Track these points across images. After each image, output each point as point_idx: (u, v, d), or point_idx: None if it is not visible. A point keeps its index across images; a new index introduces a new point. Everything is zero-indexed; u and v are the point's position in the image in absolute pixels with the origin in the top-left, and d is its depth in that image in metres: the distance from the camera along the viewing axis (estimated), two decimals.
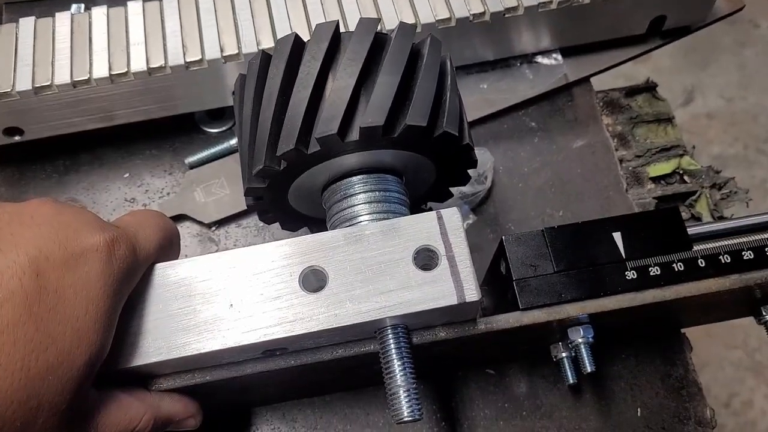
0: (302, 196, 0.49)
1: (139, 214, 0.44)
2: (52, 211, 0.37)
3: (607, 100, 0.71)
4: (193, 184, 0.65)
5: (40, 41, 0.58)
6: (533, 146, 0.68)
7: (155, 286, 0.41)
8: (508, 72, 0.70)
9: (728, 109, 2.01)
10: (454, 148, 0.45)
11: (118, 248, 0.37)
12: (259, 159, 0.43)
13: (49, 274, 0.34)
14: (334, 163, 0.45)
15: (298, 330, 0.39)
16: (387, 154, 0.45)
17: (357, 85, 0.42)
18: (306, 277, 0.41)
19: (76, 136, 0.63)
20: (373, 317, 0.40)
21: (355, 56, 0.43)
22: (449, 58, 0.47)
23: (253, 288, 0.41)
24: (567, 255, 0.45)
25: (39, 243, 0.34)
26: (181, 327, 0.40)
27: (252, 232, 0.64)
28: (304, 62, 0.43)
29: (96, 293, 0.35)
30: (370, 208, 0.45)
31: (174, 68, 0.58)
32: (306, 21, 0.60)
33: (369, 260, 0.41)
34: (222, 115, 0.68)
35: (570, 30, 0.67)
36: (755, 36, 2.15)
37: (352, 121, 0.42)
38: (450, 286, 0.40)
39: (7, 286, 0.32)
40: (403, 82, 0.42)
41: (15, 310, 0.32)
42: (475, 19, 0.61)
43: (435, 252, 0.41)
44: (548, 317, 0.44)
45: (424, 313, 0.40)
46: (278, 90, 0.43)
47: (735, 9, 0.71)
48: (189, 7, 0.60)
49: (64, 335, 0.34)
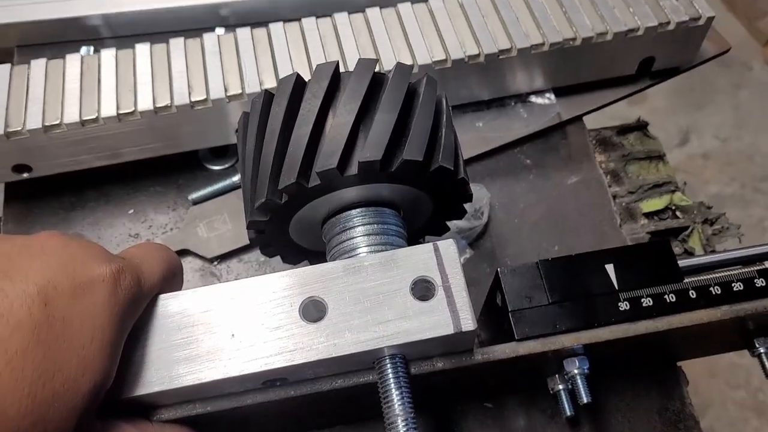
0: (303, 229, 0.50)
1: (144, 246, 0.45)
2: (61, 243, 0.38)
3: (599, 138, 0.73)
4: (196, 220, 0.66)
5: (51, 82, 0.60)
6: (528, 182, 0.69)
7: (158, 317, 0.42)
8: (503, 111, 0.72)
9: (724, 150, 2.04)
10: (449, 183, 0.47)
11: (124, 279, 0.38)
12: (262, 192, 0.44)
13: (57, 303, 0.35)
14: (333, 197, 0.46)
15: (298, 359, 0.40)
16: (385, 188, 0.46)
17: (356, 122, 0.44)
18: (306, 308, 0.42)
19: (83, 173, 0.65)
20: (371, 347, 0.41)
21: (354, 94, 0.44)
22: (445, 96, 0.49)
23: (254, 318, 0.42)
24: (561, 286, 0.46)
25: (48, 273, 0.35)
26: (184, 357, 0.41)
27: (253, 266, 0.65)
28: (305, 100, 0.45)
29: (102, 322, 0.36)
30: (368, 240, 0.46)
31: (179, 107, 0.60)
32: (307, 62, 0.62)
33: (367, 291, 0.42)
34: (225, 152, 0.70)
35: (562, 71, 0.69)
36: (749, 78, 2.19)
37: (351, 155, 0.43)
38: (446, 315, 0.41)
39: (17, 315, 0.33)
40: (400, 119, 0.44)
41: (24, 338, 0.33)
42: (470, 61, 0.64)
43: (432, 282, 0.42)
44: (543, 347, 0.45)
45: (421, 342, 0.41)
46: (280, 126, 0.45)
47: (721, 51, 0.74)
48: (195, 49, 0.63)
49: (71, 363, 0.34)
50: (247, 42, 0.63)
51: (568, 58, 0.67)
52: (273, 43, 0.63)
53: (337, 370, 0.43)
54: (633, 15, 0.65)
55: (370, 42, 0.64)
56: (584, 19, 0.65)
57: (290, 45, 0.63)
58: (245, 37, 0.63)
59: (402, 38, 0.64)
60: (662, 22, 0.65)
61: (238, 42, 0.63)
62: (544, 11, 0.65)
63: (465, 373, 0.46)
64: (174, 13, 0.74)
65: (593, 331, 0.45)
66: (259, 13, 0.75)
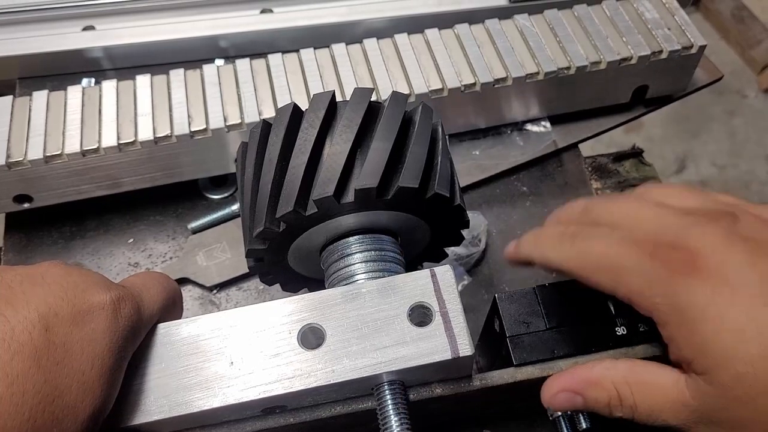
0: (301, 257, 0.50)
1: (143, 275, 0.45)
2: (62, 272, 0.38)
3: (595, 165, 0.74)
4: (195, 249, 0.67)
5: (52, 113, 0.61)
6: (525, 209, 0.70)
7: (158, 345, 0.42)
8: (499, 139, 0.73)
9: (721, 177, 2.05)
10: (446, 209, 0.47)
11: (124, 307, 0.39)
12: (260, 221, 0.45)
13: (57, 329, 0.35)
14: (331, 225, 0.46)
15: (297, 386, 0.40)
16: (382, 216, 0.47)
17: (352, 150, 0.44)
18: (304, 335, 0.42)
19: (83, 202, 0.65)
20: (369, 373, 0.41)
21: (350, 123, 0.45)
22: (441, 124, 0.49)
23: (253, 346, 0.42)
24: (559, 312, 0.46)
25: (49, 300, 0.36)
26: (183, 385, 0.41)
27: (252, 294, 0.66)
28: (302, 129, 0.46)
29: (102, 349, 0.36)
30: (366, 267, 0.47)
31: (179, 137, 0.61)
32: (306, 92, 0.63)
33: (365, 317, 0.42)
34: (224, 181, 0.71)
35: (557, 99, 0.70)
36: (744, 106, 2.21)
37: (347, 183, 0.44)
38: (444, 341, 0.41)
39: (18, 340, 0.33)
40: (395, 146, 0.44)
41: (24, 363, 0.33)
42: (466, 90, 0.65)
43: (429, 308, 0.42)
44: (542, 373, 0.45)
45: (419, 368, 0.41)
46: (278, 156, 0.45)
47: (714, 79, 0.75)
48: (194, 80, 0.64)
49: (71, 388, 0.34)
50: (246, 73, 0.64)
51: (563, 87, 0.68)
52: (272, 73, 0.64)
53: (336, 397, 0.43)
54: (626, 44, 0.67)
55: (368, 72, 0.65)
56: (578, 49, 0.66)
57: (289, 75, 0.64)
58: (244, 68, 0.65)
59: (399, 68, 0.65)
60: (655, 51, 0.67)
61: (237, 73, 0.64)
62: (539, 41, 0.67)
63: (463, 400, 0.46)
64: (174, 45, 0.75)
65: (591, 356, 0.45)
66: (258, 45, 0.76)
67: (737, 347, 0.36)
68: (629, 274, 0.40)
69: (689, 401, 0.39)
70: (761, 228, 0.40)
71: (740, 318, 0.36)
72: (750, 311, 0.36)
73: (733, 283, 0.37)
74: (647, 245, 0.40)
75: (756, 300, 0.36)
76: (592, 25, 0.68)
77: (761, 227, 0.40)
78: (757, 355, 0.35)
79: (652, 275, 0.39)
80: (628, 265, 0.40)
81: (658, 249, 0.39)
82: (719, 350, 0.36)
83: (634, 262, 0.40)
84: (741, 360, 0.36)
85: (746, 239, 0.38)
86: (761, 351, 0.35)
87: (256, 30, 0.75)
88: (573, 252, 0.43)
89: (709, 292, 0.37)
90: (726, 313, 0.36)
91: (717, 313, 0.37)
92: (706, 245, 0.38)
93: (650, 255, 0.39)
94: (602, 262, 0.41)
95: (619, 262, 0.40)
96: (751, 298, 0.36)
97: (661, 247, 0.39)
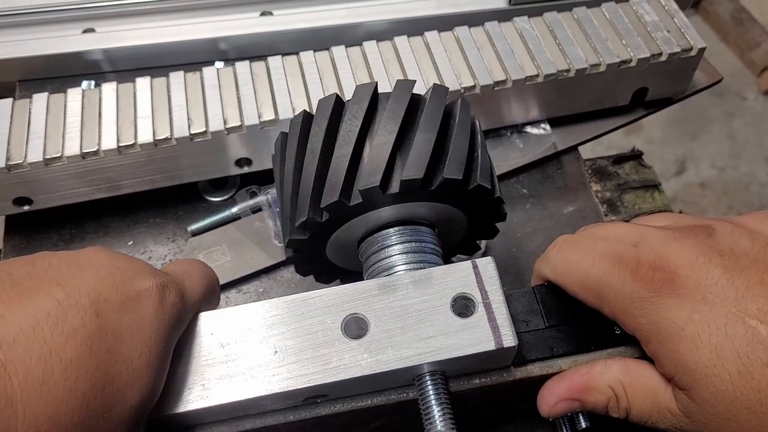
0: (339, 248, 0.51)
1: (183, 263, 0.46)
2: (108, 258, 0.39)
3: (595, 167, 0.74)
4: (195, 251, 0.67)
5: (52, 115, 0.61)
6: (525, 212, 0.70)
7: (200, 334, 0.43)
8: (499, 141, 0.73)
9: (720, 179, 2.05)
10: (486, 201, 0.48)
11: (169, 294, 0.39)
12: (303, 211, 0.45)
13: (107, 315, 0.35)
14: (371, 216, 0.47)
15: (342, 376, 0.41)
16: (422, 207, 0.47)
17: (396, 142, 0.45)
18: (348, 324, 0.42)
19: (82, 205, 0.65)
20: (414, 363, 0.41)
21: (394, 115, 0.45)
22: (477, 119, 0.50)
23: (297, 335, 0.42)
24: (557, 311, 0.47)
25: (98, 286, 0.36)
26: (226, 373, 0.41)
27: (252, 297, 0.66)
28: (345, 121, 0.46)
29: (149, 336, 0.37)
30: (406, 258, 0.47)
31: (179, 140, 0.61)
32: (305, 94, 0.63)
33: (408, 308, 0.43)
34: (224, 184, 0.71)
35: (557, 102, 0.70)
36: (743, 107, 2.21)
37: (392, 174, 0.44)
38: (488, 332, 0.42)
39: (71, 324, 0.33)
40: (438, 138, 0.45)
41: (78, 348, 0.33)
42: (466, 92, 0.65)
43: (472, 299, 0.43)
44: (541, 371, 0.45)
45: (462, 359, 0.41)
46: (320, 147, 0.45)
47: (714, 81, 0.75)
48: (194, 83, 0.64)
49: (120, 375, 0.34)
50: (246, 75, 0.64)
51: (562, 90, 0.68)
52: (271, 76, 0.64)
53: (377, 387, 0.44)
54: (625, 47, 0.67)
55: (368, 74, 0.65)
56: (578, 51, 0.66)
57: (288, 78, 0.64)
58: (244, 71, 0.65)
59: (399, 70, 0.65)
60: (654, 54, 0.67)
61: (237, 75, 0.64)
62: (539, 44, 0.67)
63: (461, 398, 0.46)
64: (174, 48, 0.75)
65: (590, 354, 0.46)
66: (258, 47, 0.76)
67: (715, 364, 0.36)
68: (613, 294, 0.41)
69: (675, 410, 0.40)
70: (738, 239, 0.40)
71: (717, 335, 0.37)
72: (727, 328, 0.37)
73: (711, 300, 0.37)
74: (630, 263, 0.41)
75: (732, 317, 0.37)
76: (591, 28, 0.68)
77: (739, 238, 0.40)
78: (736, 371, 0.36)
79: (635, 296, 0.40)
80: (611, 285, 0.41)
81: (640, 268, 0.40)
82: (699, 368, 0.37)
83: (617, 282, 0.41)
84: (719, 377, 0.36)
85: (723, 253, 0.39)
86: (739, 367, 0.36)
87: (256, 33, 0.75)
88: (557, 261, 0.46)
89: (687, 311, 0.38)
90: (703, 331, 0.37)
91: (695, 331, 0.37)
92: (684, 262, 0.39)
93: (632, 274, 0.40)
94: (587, 281, 0.43)
95: (603, 282, 0.42)
96: (727, 315, 0.37)
97: (643, 266, 0.40)
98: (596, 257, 0.42)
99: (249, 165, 0.66)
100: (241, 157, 0.65)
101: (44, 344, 0.32)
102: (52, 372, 0.31)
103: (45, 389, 0.31)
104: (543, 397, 0.45)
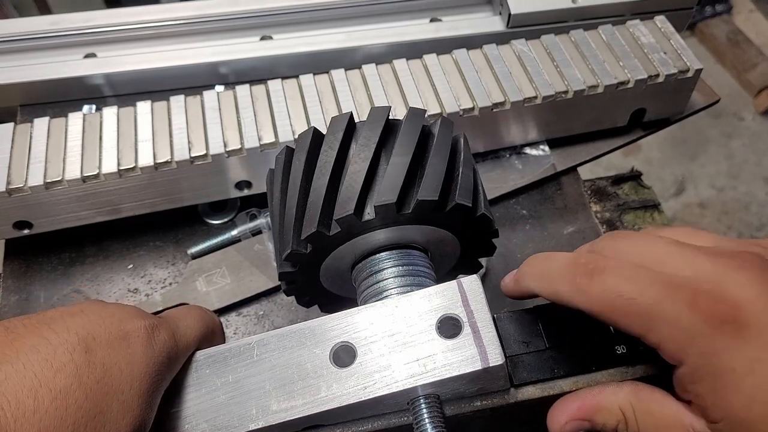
0: (333, 277, 0.51)
1: (181, 308, 0.49)
2: (99, 306, 0.42)
3: (594, 188, 0.74)
4: (195, 274, 0.66)
5: (53, 139, 0.61)
6: (525, 233, 0.70)
7: (195, 373, 0.44)
8: (498, 163, 0.73)
9: (720, 199, 2.06)
10: (471, 220, 0.48)
11: (158, 334, 0.41)
12: (287, 243, 0.46)
13: (96, 351, 0.37)
14: (358, 242, 0.47)
15: (331, 405, 0.41)
16: (409, 230, 0.47)
17: (371, 168, 0.45)
18: (336, 353, 0.43)
19: (82, 228, 0.65)
20: (401, 387, 0.41)
21: (368, 142, 0.46)
22: (463, 136, 0.50)
23: (287, 367, 0.43)
24: (558, 331, 0.46)
25: (87, 327, 0.38)
26: (221, 411, 0.42)
27: (252, 320, 0.65)
28: (322, 152, 0.47)
29: (139, 371, 0.39)
30: (396, 282, 0.47)
31: (180, 163, 0.61)
32: (305, 117, 0.64)
33: (394, 332, 0.43)
34: (224, 207, 0.71)
35: (555, 123, 0.70)
36: (741, 128, 2.22)
37: (366, 201, 0.45)
38: (474, 351, 0.41)
39: (60, 359, 0.35)
40: (414, 161, 0.45)
41: (67, 379, 0.35)
42: (465, 114, 0.65)
43: (457, 319, 0.43)
44: (542, 393, 0.45)
45: (451, 380, 0.41)
46: (301, 179, 0.46)
47: (711, 102, 0.75)
48: (195, 106, 0.64)
49: (111, 406, 0.36)
50: (246, 99, 0.65)
51: (560, 111, 0.68)
52: (271, 99, 0.65)
53: (372, 413, 0.44)
54: (623, 68, 0.67)
55: (367, 97, 0.65)
56: (576, 73, 0.67)
57: (288, 101, 0.65)
58: (244, 94, 0.65)
59: (398, 93, 0.66)
60: (652, 75, 0.67)
61: (237, 99, 0.65)
62: (537, 66, 0.67)
63: (464, 421, 0.45)
64: (175, 72, 0.76)
65: (592, 375, 0.45)
66: (258, 71, 0.77)
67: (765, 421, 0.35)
68: (665, 323, 0.37)
69: None
70: None
71: None
72: None
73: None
74: (685, 292, 0.37)
75: None
76: (588, 50, 0.68)
77: None
78: None
79: (693, 329, 0.36)
80: (664, 313, 0.37)
81: (698, 298, 0.36)
82: (750, 423, 0.35)
83: (671, 312, 0.37)
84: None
85: None
86: None
87: (256, 56, 0.76)
88: (595, 291, 0.39)
89: (749, 359, 0.35)
90: (764, 384, 0.35)
91: (755, 383, 0.35)
92: (748, 297, 0.36)
93: (689, 305, 0.36)
94: (633, 308, 0.38)
95: (654, 309, 0.37)
96: None
97: (701, 296, 0.36)
98: (644, 284, 0.38)
99: (249, 187, 0.66)
100: (241, 180, 0.65)
101: (34, 378, 0.34)
102: (43, 402, 0.33)
103: (36, 418, 0.33)
104: (553, 416, 0.44)
